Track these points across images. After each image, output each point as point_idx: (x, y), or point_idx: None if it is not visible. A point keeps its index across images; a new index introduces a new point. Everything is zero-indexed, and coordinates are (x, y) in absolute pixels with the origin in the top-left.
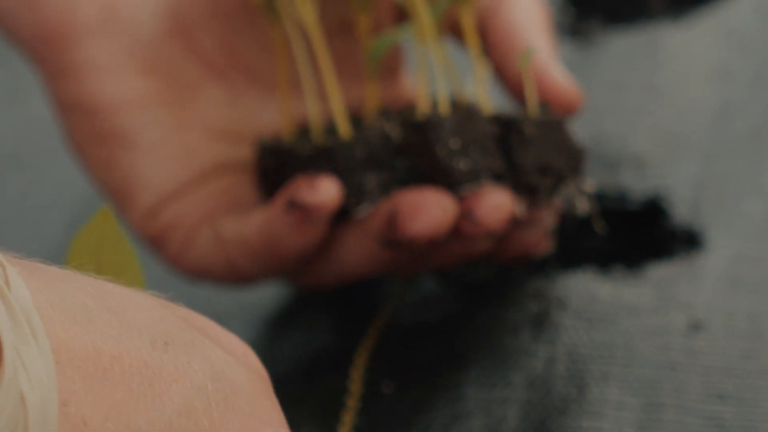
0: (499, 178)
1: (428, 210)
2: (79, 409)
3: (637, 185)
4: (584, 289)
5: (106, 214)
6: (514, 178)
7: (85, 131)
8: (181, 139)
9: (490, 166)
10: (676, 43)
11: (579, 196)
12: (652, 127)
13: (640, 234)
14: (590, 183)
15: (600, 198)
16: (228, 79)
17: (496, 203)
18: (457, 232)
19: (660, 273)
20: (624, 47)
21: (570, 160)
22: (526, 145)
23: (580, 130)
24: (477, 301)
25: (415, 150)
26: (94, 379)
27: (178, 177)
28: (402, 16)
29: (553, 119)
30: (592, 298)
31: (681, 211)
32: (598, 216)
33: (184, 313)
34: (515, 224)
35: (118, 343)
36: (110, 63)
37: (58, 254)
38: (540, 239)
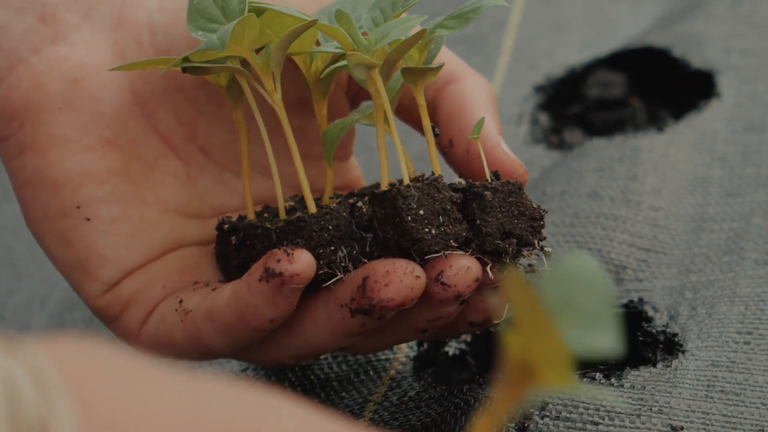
0: (464, 243)
1: (399, 276)
2: None
3: (615, 292)
4: (565, 393)
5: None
6: (478, 243)
7: (45, 207)
8: (141, 215)
9: (456, 231)
10: (653, 154)
11: (540, 258)
12: (630, 235)
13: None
14: (550, 246)
15: None
16: (185, 155)
17: (465, 266)
18: (425, 298)
19: (639, 378)
20: (603, 157)
21: (531, 223)
22: (488, 210)
23: (560, 236)
24: (458, 403)
25: (384, 220)
26: None
27: (138, 252)
28: (354, 100)
29: (512, 184)
30: (573, 402)
31: (658, 318)
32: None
33: None
34: (479, 288)
35: None
36: (74, 137)
37: None
38: (500, 304)
